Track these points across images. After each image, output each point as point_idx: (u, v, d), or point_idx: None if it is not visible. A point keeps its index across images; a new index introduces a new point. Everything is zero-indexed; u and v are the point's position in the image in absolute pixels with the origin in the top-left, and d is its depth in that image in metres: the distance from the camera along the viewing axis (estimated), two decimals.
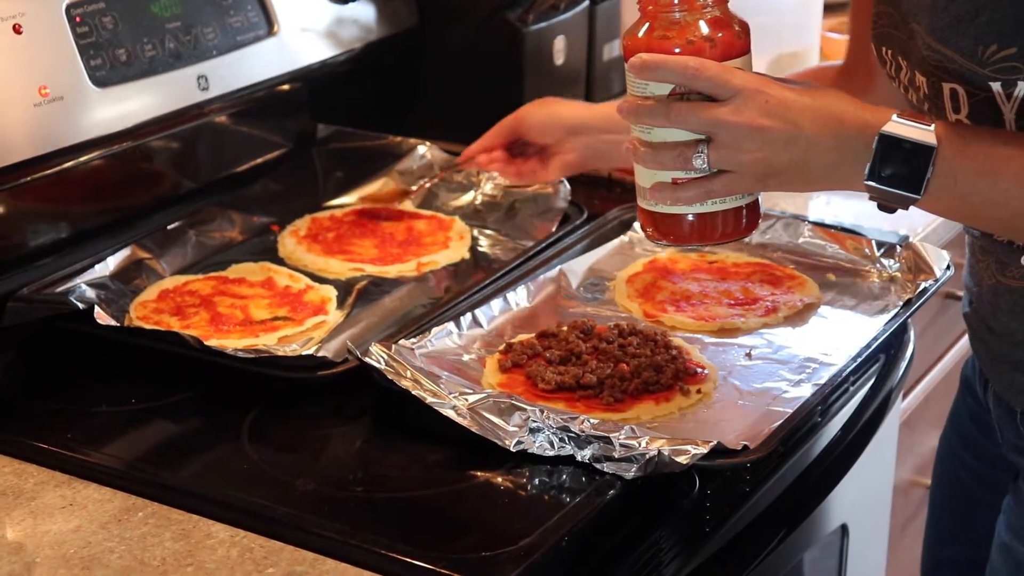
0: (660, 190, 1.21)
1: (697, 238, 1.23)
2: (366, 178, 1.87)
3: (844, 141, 1.15)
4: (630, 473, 1.20)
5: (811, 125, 1.15)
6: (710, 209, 1.21)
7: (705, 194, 1.19)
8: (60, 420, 1.33)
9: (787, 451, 1.37)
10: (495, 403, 1.27)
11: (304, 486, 1.22)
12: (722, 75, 1.16)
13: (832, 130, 1.15)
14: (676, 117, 1.17)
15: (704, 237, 1.23)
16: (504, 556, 1.11)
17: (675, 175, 1.19)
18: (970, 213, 1.20)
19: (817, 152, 1.16)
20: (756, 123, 1.15)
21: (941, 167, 1.14)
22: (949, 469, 1.59)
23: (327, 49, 1.83)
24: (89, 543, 1.15)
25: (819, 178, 1.18)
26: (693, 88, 1.16)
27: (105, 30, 1.56)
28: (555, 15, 1.99)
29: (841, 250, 1.63)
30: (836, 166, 1.16)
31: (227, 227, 1.73)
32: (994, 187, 1.14)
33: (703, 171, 1.17)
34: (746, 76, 1.17)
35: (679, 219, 1.22)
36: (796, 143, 1.15)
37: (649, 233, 1.25)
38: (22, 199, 1.52)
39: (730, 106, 1.15)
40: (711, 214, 1.21)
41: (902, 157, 1.14)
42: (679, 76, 1.16)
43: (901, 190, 1.15)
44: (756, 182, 1.18)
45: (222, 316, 1.52)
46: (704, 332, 1.48)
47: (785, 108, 1.15)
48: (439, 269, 1.66)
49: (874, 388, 1.49)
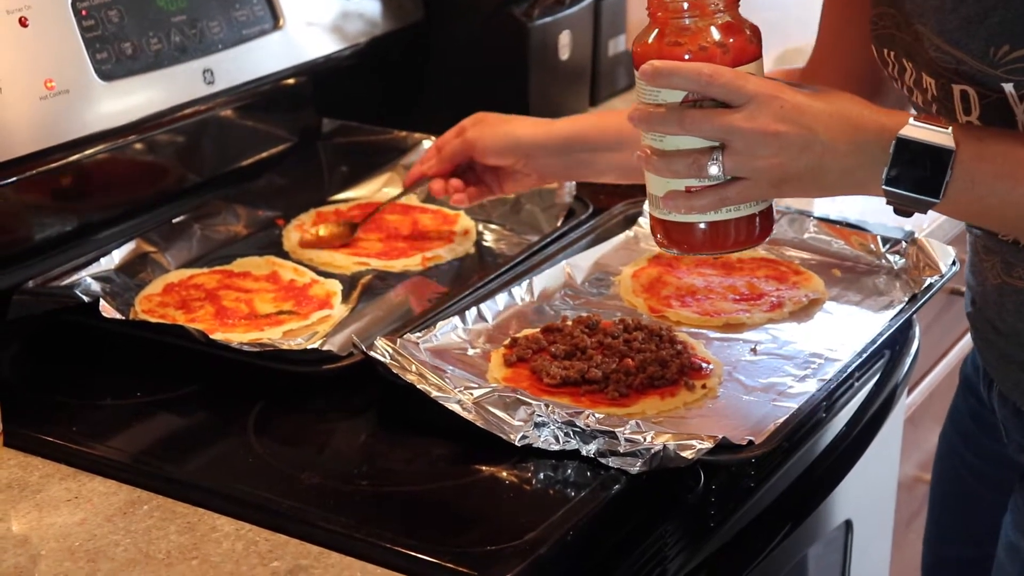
0: (674, 199, 1.19)
1: (710, 246, 1.21)
2: (371, 172, 1.87)
3: (860, 146, 1.14)
4: (635, 468, 1.20)
5: (826, 130, 1.13)
6: (724, 217, 1.19)
7: (720, 202, 1.17)
8: (65, 413, 1.33)
9: (792, 447, 1.37)
10: (500, 397, 1.27)
11: (309, 480, 1.22)
12: (736, 81, 1.14)
13: (848, 134, 1.14)
14: (690, 124, 1.15)
15: (717, 245, 1.21)
16: (509, 550, 1.11)
17: (688, 183, 1.17)
18: (988, 215, 1.19)
19: (833, 157, 1.14)
20: (771, 129, 1.13)
21: (959, 171, 1.13)
22: (949, 467, 1.58)
23: (332, 43, 1.83)
24: (94, 536, 1.15)
25: (835, 183, 1.16)
26: (707, 95, 1.15)
27: (111, 23, 1.56)
28: (560, 10, 1.99)
29: (846, 246, 1.63)
30: (852, 171, 1.15)
31: (232, 221, 1.73)
32: (1013, 190, 1.13)
33: (717, 179, 1.16)
34: (760, 82, 1.15)
35: (691, 227, 1.20)
36: (811, 148, 1.14)
37: (660, 241, 1.23)
38: (28, 192, 1.52)
39: (744, 112, 1.14)
40: (724, 222, 1.19)
41: (920, 161, 1.12)
42: (692, 83, 1.15)
43: (919, 194, 1.13)
44: (772, 188, 1.16)
45: (227, 310, 1.52)
46: (709, 327, 1.48)
47: (800, 113, 1.13)
48: (444, 263, 1.66)
49: (879, 384, 1.49)
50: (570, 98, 2.07)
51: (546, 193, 1.76)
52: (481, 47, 1.98)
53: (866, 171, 1.14)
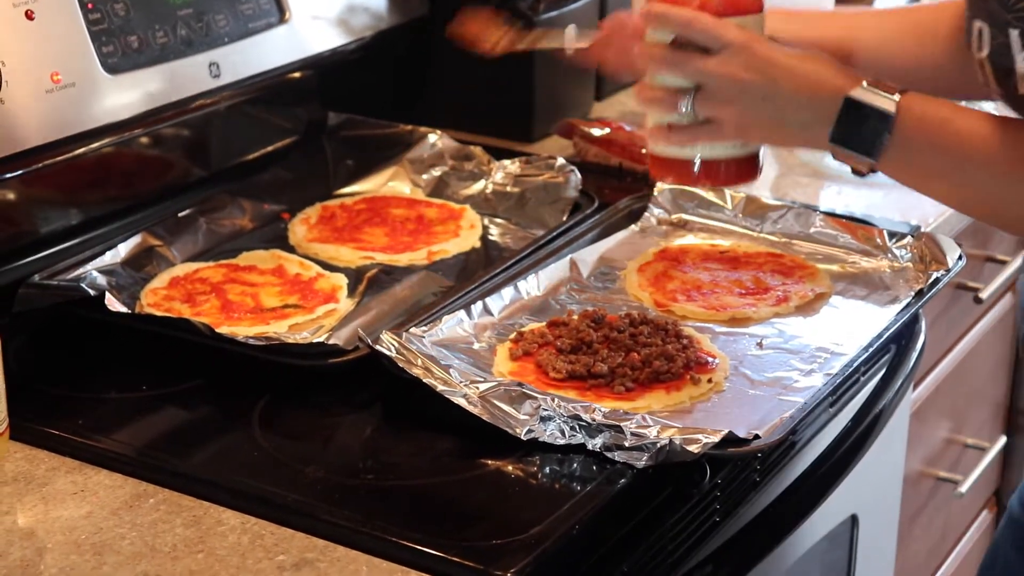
0: (655, 133, 1.34)
1: (691, 181, 1.38)
2: (376, 166, 1.87)
3: (817, 102, 1.25)
4: (641, 462, 1.20)
5: (789, 84, 1.25)
6: (707, 155, 1.34)
7: (691, 139, 1.31)
8: (71, 407, 1.33)
9: (797, 441, 1.37)
10: (506, 391, 1.27)
11: (314, 473, 1.22)
12: (715, 28, 1.26)
13: (808, 91, 1.25)
14: (669, 63, 1.29)
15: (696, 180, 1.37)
16: (515, 544, 1.11)
17: (669, 119, 1.31)
18: (923, 182, 1.28)
19: (793, 110, 1.26)
20: (738, 76, 1.25)
21: (897, 135, 1.23)
22: None
23: (338, 37, 1.83)
24: (100, 529, 1.15)
25: (794, 135, 1.29)
26: (688, 38, 1.27)
27: (117, 17, 1.56)
28: (566, 4, 1.99)
29: (853, 240, 1.62)
30: (809, 125, 1.26)
31: (238, 215, 1.73)
32: (941, 158, 1.24)
33: (689, 116, 1.29)
34: (739, 32, 1.25)
35: (678, 162, 1.35)
36: (773, 100, 1.26)
37: (651, 172, 1.40)
38: (34, 186, 1.53)
39: (718, 58, 1.26)
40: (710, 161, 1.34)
41: (863, 122, 1.23)
42: (676, 25, 1.28)
43: (859, 153, 1.24)
44: (737, 131, 1.29)
45: (233, 303, 1.52)
46: (715, 321, 1.48)
47: (768, 65, 1.25)
48: (450, 258, 1.66)
49: (885, 378, 1.49)
50: (576, 92, 2.07)
51: (551, 187, 1.76)
52: None
53: (820, 127, 1.25)
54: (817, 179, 1.87)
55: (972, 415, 2.26)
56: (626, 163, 1.87)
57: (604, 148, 1.89)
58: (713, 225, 1.69)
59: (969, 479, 2.15)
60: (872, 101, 1.23)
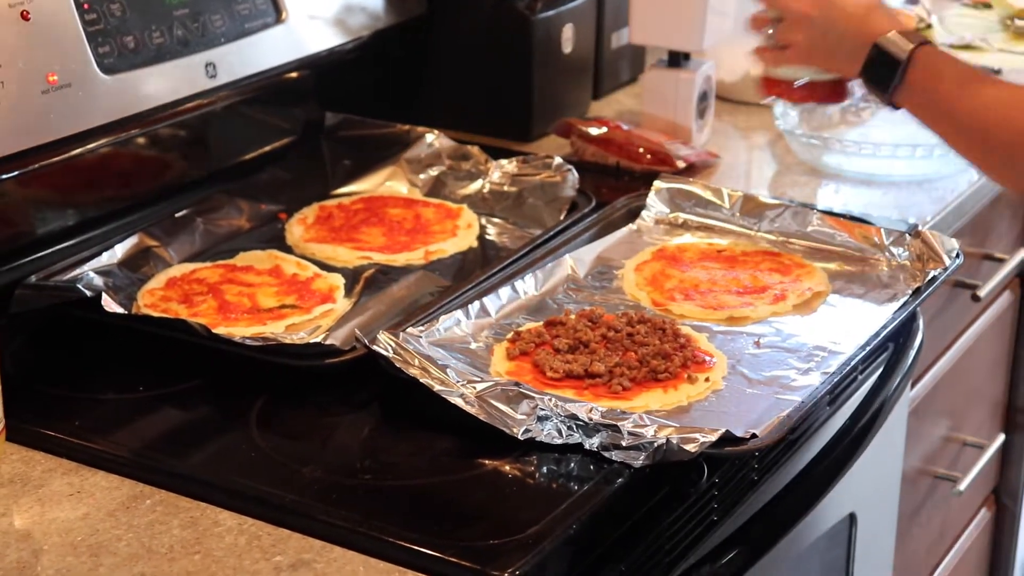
0: (759, 52, 1.67)
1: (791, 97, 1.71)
2: (374, 166, 1.87)
3: (859, 42, 1.54)
4: (638, 461, 1.20)
5: (843, 23, 1.56)
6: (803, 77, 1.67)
7: (773, 60, 1.66)
8: (68, 408, 1.33)
9: (795, 440, 1.37)
10: (503, 391, 1.27)
11: (312, 474, 1.22)
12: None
13: (854, 31, 1.55)
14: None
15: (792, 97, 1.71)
16: (512, 544, 1.11)
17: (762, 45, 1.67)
18: (932, 120, 1.52)
19: (843, 46, 1.56)
20: (805, 11, 1.59)
21: (908, 78, 1.51)
22: None
23: (335, 37, 1.83)
24: (97, 531, 1.15)
25: (845, 64, 1.58)
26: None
27: (113, 17, 1.55)
28: (564, 3, 1.99)
29: (850, 238, 1.62)
30: (853, 59, 1.55)
31: (235, 215, 1.72)
32: (945, 102, 1.48)
33: (771, 41, 1.64)
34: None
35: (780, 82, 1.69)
36: (828, 35, 1.57)
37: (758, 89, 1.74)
38: (30, 186, 1.52)
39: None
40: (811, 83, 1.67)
41: (882, 63, 1.52)
42: None
43: (877, 88, 1.54)
44: (805, 56, 1.61)
45: (230, 304, 1.52)
46: (712, 320, 1.48)
47: (831, 7, 1.57)
48: (447, 257, 1.66)
49: (883, 377, 1.49)
50: (573, 91, 2.07)
51: (549, 187, 1.76)
52: (484, 40, 1.97)
53: (859, 63, 1.55)
54: (815, 178, 1.87)
55: (970, 413, 2.26)
56: (623, 162, 1.87)
57: (601, 147, 1.89)
58: (711, 224, 1.69)
59: (968, 477, 2.15)
60: (891, 48, 1.51)
